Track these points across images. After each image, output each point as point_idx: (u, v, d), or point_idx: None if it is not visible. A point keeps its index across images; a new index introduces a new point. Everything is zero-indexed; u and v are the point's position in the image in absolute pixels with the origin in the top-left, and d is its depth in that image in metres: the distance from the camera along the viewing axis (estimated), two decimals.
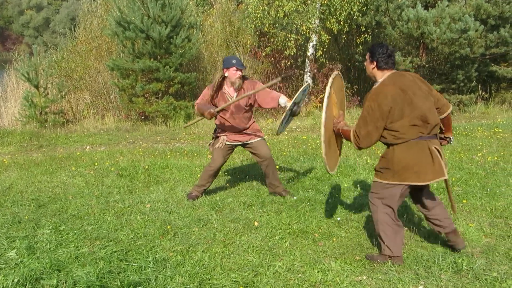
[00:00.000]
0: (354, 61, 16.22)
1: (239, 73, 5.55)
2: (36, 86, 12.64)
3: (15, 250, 4.27)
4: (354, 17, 14.34)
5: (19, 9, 74.43)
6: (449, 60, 15.24)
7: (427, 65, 15.43)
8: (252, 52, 15.68)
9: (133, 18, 12.20)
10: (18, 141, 10.55)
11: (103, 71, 14.58)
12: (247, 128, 5.92)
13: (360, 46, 15.09)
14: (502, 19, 14.47)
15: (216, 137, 5.99)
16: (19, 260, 4.08)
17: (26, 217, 5.22)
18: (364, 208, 5.47)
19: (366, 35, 14.63)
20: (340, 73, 4.45)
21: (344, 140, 4.59)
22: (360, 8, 14.02)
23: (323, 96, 4.28)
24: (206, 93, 5.70)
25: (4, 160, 8.46)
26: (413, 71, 14.77)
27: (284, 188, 6.11)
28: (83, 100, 14.55)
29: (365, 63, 4.16)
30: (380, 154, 8.20)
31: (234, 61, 5.52)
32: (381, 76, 3.99)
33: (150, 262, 4.03)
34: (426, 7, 14.60)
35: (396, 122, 3.82)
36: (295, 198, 5.81)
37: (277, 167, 7.53)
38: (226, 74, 5.56)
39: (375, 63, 4.00)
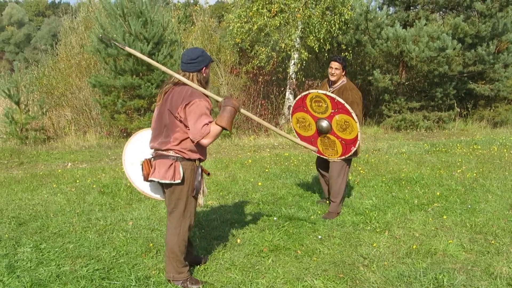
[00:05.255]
0: None
1: None
2: (17, 103, 12.52)
3: None
4: (335, 35, 14.53)
5: None
6: (428, 78, 15.55)
7: (406, 83, 15.72)
8: (232, 68, 15.79)
9: (115, 35, 12.21)
10: None
11: (85, 88, 14.52)
12: None
13: None
14: (479, 38, 14.83)
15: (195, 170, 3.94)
16: None
17: (6, 235, 5.15)
18: (346, 225, 5.52)
19: (346, 53, 14.82)
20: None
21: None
22: (340, 26, 14.23)
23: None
24: (207, 105, 3.76)
25: None
26: (393, 88, 15.00)
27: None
28: (65, 117, 14.45)
29: None
30: (361, 170, 8.29)
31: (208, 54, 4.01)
32: None
33: (132, 280, 4.01)
34: (404, 26, 14.90)
35: None
36: (275, 218, 5.81)
37: (259, 184, 7.57)
38: (204, 74, 3.91)
39: None
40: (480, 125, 15.79)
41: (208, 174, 4.19)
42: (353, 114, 5.32)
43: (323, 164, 6.21)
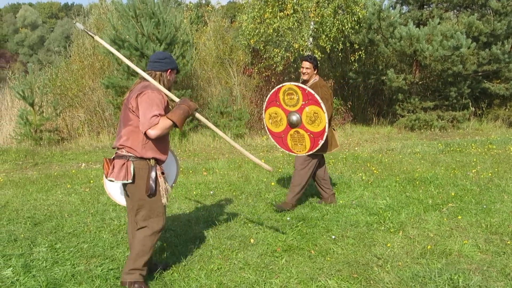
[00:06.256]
0: (348, 78, 16.35)
1: None
2: (31, 104, 12.65)
3: (11, 268, 4.25)
4: (347, 34, 14.45)
5: (14, 28, 74.75)
6: (442, 77, 15.42)
7: (420, 82, 15.60)
8: (244, 68, 15.79)
9: (127, 36, 12.27)
10: (13, 159, 10.52)
11: (98, 89, 14.61)
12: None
13: (355, 64, 15.17)
14: (494, 37, 14.67)
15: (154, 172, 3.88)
16: (15, 278, 4.06)
17: (22, 235, 5.20)
18: (359, 225, 5.49)
19: (360, 52, 14.74)
20: None
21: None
22: (353, 25, 14.16)
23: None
24: (160, 99, 3.78)
25: (0, 178, 8.45)
26: (406, 87, 14.91)
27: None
28: (78, 118, 14.56)
29: None
30: (374, 170, 8.24)
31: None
32: None
33: (146, 279, 4.02)
34: (418, 25, 14.79)
35: None
36: (289, 218, 5.80)
37: (272, 184, 7.56)
38: (169, 77, 3.99)
39: None
40: (495, 125, 15.64)
41: (163, 173, 3.92)
42: (322, 105, 5.50)
43: None
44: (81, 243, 4.95)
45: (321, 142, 5.66)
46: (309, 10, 13.70)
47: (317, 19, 13.81)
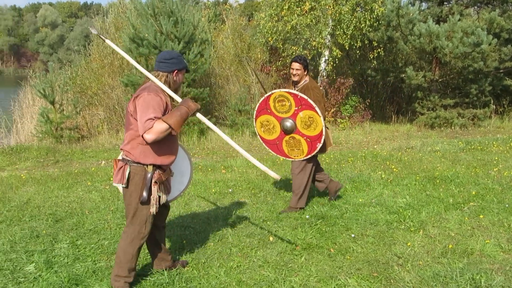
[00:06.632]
0: (367, 76, 16.24)
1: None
2: (52, 102, 12.79)
3: (34, 264, 4.32)
4: (365, 32, 14.35)
5: (34, 27, 75.76)
6: (463, 74, 15.22)
7: (440, 80, 15.42)
8: (263, 66, 15.78)
9: (146, 35, 12.34)
10: (34, 157, 10.65)
11: (117, 87, 14.73)
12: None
13: (374, 61, 15.05)
14: None
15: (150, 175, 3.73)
16: (38, 274, 4.12)
17: (44, 232, 5.27)
18: (379, 224, 5.45)
19: (379, 50, 14.61)
20: None
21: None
22: (371, 23, 14.05)
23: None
24: (158, 101, 3.60)
25: (22, 175, 8.55)
26: (426, 85, 14.77)
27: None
28: (98, 116, 14.70)
29: None
30: (394, 169, 8.17)
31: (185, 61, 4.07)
32: None
33: (165, 277, 4.05)
34: (438, 22, 14.63)
35: None
36: (308, 216, 5.79)
37: (291, 182, 7.54)
38: (175, 78, 3.85)
39: None
40: None
41: (156, 182, 3.73)
42: (317, 109, 5.45)
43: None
44: (101, 240, 5.00)
45: (319, 145, 5.64)
46: (327, 7, 13.62)
47: (335, 17, 13.73)
